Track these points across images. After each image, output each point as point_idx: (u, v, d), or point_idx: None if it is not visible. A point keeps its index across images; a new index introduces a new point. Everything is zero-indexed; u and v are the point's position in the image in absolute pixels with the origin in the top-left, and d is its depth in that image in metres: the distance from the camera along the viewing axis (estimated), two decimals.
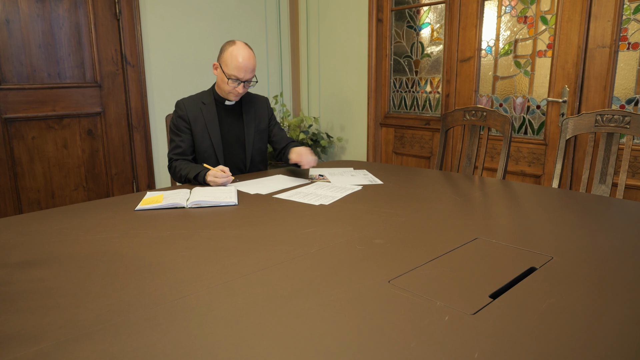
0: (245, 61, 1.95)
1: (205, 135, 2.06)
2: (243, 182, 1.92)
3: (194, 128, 2.05)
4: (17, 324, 0.83)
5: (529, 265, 1.06)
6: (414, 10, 3.19)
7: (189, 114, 2.04)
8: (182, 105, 2.06)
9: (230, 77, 1.96)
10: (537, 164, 2.68)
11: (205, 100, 2.09)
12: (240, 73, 1.96)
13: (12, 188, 2.80)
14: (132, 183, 3.28)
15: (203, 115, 2.06)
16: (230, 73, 1.96)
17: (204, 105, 2.07)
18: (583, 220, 1.40)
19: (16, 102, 2.75)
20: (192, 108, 2.06)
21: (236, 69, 1.95)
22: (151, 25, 3.18)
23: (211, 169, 1.85)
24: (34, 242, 1.25)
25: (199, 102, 2.08)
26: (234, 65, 1.95)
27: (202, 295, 0.93)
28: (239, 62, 1.94)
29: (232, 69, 1.95)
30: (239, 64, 1.94)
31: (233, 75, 1.96)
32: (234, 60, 1.94)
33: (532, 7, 2.59)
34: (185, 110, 2.04)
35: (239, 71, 1.95)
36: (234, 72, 1.95)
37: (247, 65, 1.96)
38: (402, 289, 0.95)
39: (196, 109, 2.06)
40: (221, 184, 1.82)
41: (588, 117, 1.97)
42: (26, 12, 2.72)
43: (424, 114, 3.25)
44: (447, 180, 1.96)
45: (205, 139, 2.06)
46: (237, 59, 1.94)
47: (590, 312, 0.85)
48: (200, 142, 2.06)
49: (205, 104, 2.08)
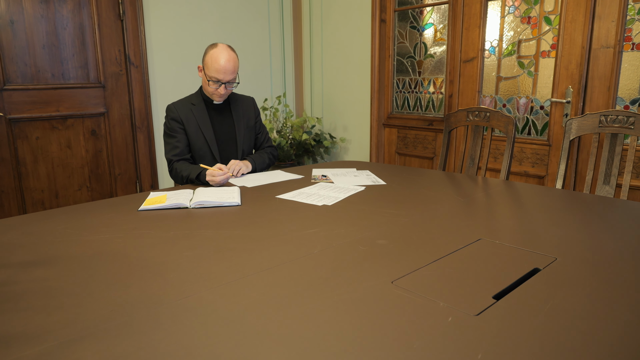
0: (225, 63, 2.00)
1: (199, 134, 2.11)
2: (242, 178, 2.00)
3: (187, 128, 2.10)
4: (21, 323, 0.83)
5: (532, 266, 1.06)
6: (417, 10, 3.19)
7: (180, 115, 2.09)
8: (173, 108, 2.11)
9: (211, 79, 2.02)
10: (541, 164, 2.67)
11: (194, 102, 2.14)
12: (220, 75, 2.01)
13: (16, 188, 2.81)
14: (136, 183, 3.29)
15: (194, 115, 2.11)
16: (211, 75, 2.02)
17: (194, 106, 2.13)
18: (587, 221, 1.40)
19: (20, 103, 2.77)
20: (183, 110, 2.11)
21: (216, 72, 2.00)
22: (155, 26, 3.18)
23: (208, 169, 1.88)
24: (38, 242, 1.25)
25: (189, 104, 2.13)
26: (215, 68, 2.00)
27: (205, 295, 0.93)
28: (220, 64, 2.00)
29: (213, 71, 2.01)
30: (219, 66, 2.00)
31: (214, 77, 2.02)
32: (214, 63, 2.00)
33: (536, 8, 2.59)
34: (177, 112, 2.10)
35: (219, 73, 2.00)
36: (214, 74, 2.01)
37: (227, 67, 2.01)
38: (405, 289, 0.95)
39: (187, 110, 2.11)
40: (220, 182, 1.85)
41: (592, 117, 1.96)
42: (30, 13, 2.73)
43: (427, 114, 3.25)
44: (450, 181, 1.96)
45: (199, 138, 2.12)
46: (218, 61, 2.00)
47: (594, 313, 0.85)
48: (195, 140, 2.11)
49: (194, 104, 2.13)
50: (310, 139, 3.64)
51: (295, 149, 3.65)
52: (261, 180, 1.96)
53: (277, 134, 3.70)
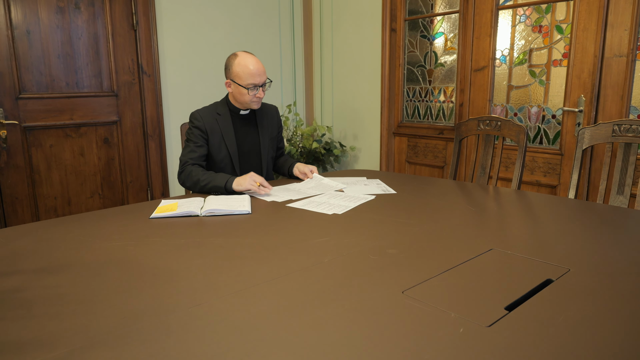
0: (256, 65, 1.99)
1: (222, 146, 2.08)
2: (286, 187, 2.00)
3: (210, 139, 2.06)
4: (33, 330, 0.84)
5: (545, 277, 1.05)
6: (428, 20, 3.19)
7: (206, 124, 2.05)
8: (198, 116, 2.06)
9: (248, 86, 1.99)
10: (553, 174, 2.65)
11: (220, 111, 2.10)
12: (256, 79, 1.99)
13: (30, 195, 2.85)
14: (147, 191, 3.31)
15: (219, 125, 2.08)
16: (247, 83, 1.98)
17: (219, 116, 2.09)
18: (601, 231, 1.38)
19: (35, 111, 2.81)
20: (208, 119, 2.07)
21: (252, 77, 1.98)
22: (167, 36, 3.22)
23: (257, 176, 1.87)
24: (51, 249, 1.27)
25: (214, 113, 2.09)
26: (249, 74, 1.97)
27: (216, 303, 0.93)
28: (252, 69, 1.98)
29: (248, 77, 1.98)
30: (252, 71, 1.98)
31: (251, 84, 1.98)
32: (246, 70, 1.97)
33: (547, 17, 2.58)
34: (202, 121, 2.05)
35: (255, 77, 1.98)
36: (251, 80, 1.98)
37: (260, 68, 2.00)
38: (416, 299, 0.94)
39: (212, 119, 2.07)
40: (257, 191, 1.83)
41: (605, 127, 1.94)
42: (46, 23, 2.78)
43: (438, 123, 3.24)
44: (461, 190, 1.95)
45: (222, 150, 2.08)
46: (249, 67, 1.98)
47: (609, 326, 0.84)
48: (217, 152, 2.07)
49: (220, 114, 2.09)
50: (321, 148, 3.65)
51: (305, 158, 3.66)
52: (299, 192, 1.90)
53: (288, 142, 3.71)
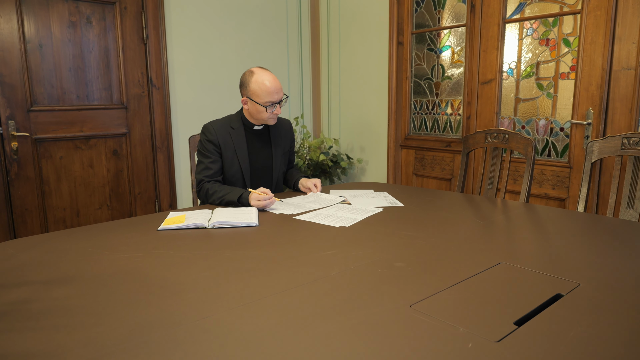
0: (273, 82, 1.99)
1: (234, 161, 2.07)
2: (286, 201, 1.97)
3: (223, 153, 2.06)
4: (41, 341, 0.84)
5: (555, 291, 1.04)
6: (435, 33, 3.21)
7: (219, 138, 2.04)
8: (211, 130, 2.05)
9: (266, 104, 1.99)
10: (562, 187, 2.63)
11: (233, 125, 2.09)
12: (274, 96, 1.99)
13: (39, 206, 2.87)
14: (155, 202, 3.33)
15: (232, 140, 2.07)
16: (265, 101, 1.98)
17: (233, 130, 2.08)
18: (611, 245, 1.37)
19: (46, 123, 2.84)
20: (222, 132, 2.06)
21: (269, 94, 1.97)
22: (176, 49, 3.27)
23: (252, 192, 1.85)
24: (59, 260, 1.27)
25: (228, 127, 2.08)
26: (267, 91, 1.97)
27: (223, 316, 0.93)
28: (269, 87, 1.97)
29: (266, 95, 1.97)
30: (269, 88, 1.97)
31: (269, 102, 1.98)
32: (263, 87, 1.97)
33: (554, 30, 2.58)
34: (215, 134, 2.04)
35: (272, 95, 1.98)
36: (269, 98, 1.98)
37: (276, 85, 1.99)
38: (424, 313, 0.93)
39: (225, 133, 2.06)
40: (264, 206, 1.81)
41: (614, 140, 1.93)
42: (58, 37, 2.83)
43: (445, 135, 3.24)
44: (468, 203, 1.94)
45: (234, 165, 2.07)
46: (266, 84, 1.97)
47: (620, 341, 0.82)
48: (229, 167, 2.07)
49: (234, 128, 2.08)
50: (328, 160, 3.65)
51: (313, 170, 3.67)
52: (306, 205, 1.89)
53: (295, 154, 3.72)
